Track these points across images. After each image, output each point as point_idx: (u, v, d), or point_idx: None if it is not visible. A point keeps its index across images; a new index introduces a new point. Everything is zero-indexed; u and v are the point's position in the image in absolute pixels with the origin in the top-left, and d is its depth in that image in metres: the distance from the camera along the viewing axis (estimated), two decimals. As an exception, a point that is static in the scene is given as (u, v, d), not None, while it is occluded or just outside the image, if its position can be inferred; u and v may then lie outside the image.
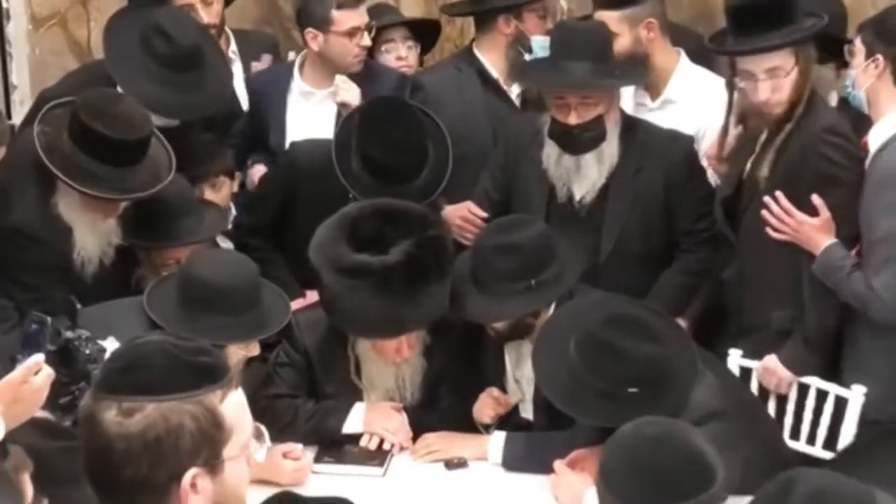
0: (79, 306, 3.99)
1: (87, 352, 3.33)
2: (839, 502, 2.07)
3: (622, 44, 4.49)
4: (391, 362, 4.02)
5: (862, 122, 4.12)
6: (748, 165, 4.21)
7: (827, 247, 3.98)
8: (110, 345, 3.21)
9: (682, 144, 4.46)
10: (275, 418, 3.89)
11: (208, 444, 2.16)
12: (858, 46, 4.03)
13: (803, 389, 4.09)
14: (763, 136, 4.18)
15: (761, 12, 4.11)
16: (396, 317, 3.87)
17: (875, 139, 3.97)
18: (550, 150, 4.38)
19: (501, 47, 4.90)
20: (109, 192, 4.06)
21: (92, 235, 4.15)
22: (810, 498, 2.07)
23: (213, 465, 2.16)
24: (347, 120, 4.57)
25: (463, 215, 4.62)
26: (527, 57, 4.78)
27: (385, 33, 5.05)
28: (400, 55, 5.09)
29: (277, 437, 3.80)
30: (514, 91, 4.96)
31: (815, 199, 3.98)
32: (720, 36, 4.27)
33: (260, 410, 3.69)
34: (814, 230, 3.99)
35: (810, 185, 4.02)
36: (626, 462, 2.57)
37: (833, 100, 4.45)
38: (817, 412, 4.06)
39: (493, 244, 3.96)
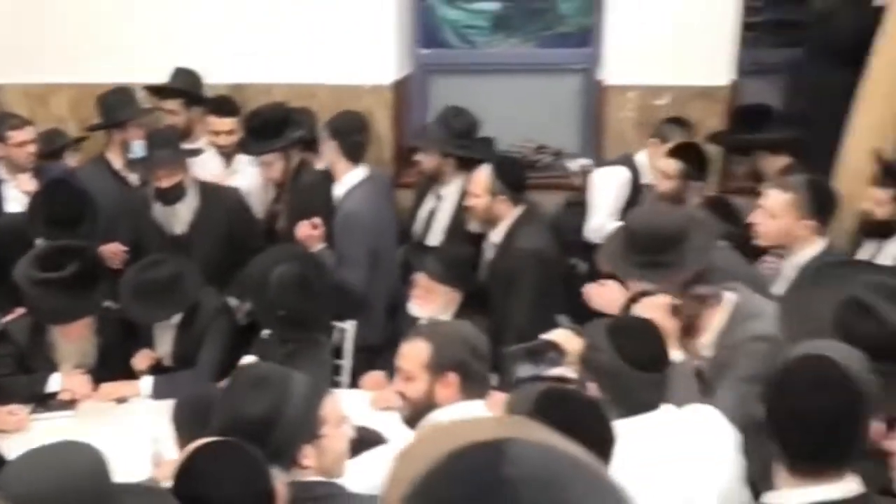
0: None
1: None
2: None
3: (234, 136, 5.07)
4: (74, 341, 4.13)
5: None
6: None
7: None
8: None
9: (234, 193, 4.93)
10: (4, 390, 3.99)
11: None
12: (326, 139, 4.63)
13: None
14: None
15: (259, 127, 4.82)
16: (73, 308, 4.07)
17: (336, 191, 4.65)
18: (157, 206, 4.68)
19: (117, 149, 5.08)
20: None
21: None
22: None
23: None
24: (34, 198, 4.66)
25: (112, 250, 4.74)
26: (129, 156, 4.85)
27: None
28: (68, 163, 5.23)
29: (6, 401, 3.92)
30: (133, 177, 5.09)
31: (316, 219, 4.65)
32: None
33: (-5, 385, 3.91)
34: None
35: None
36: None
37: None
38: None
39: (142, 278, 4.17)
